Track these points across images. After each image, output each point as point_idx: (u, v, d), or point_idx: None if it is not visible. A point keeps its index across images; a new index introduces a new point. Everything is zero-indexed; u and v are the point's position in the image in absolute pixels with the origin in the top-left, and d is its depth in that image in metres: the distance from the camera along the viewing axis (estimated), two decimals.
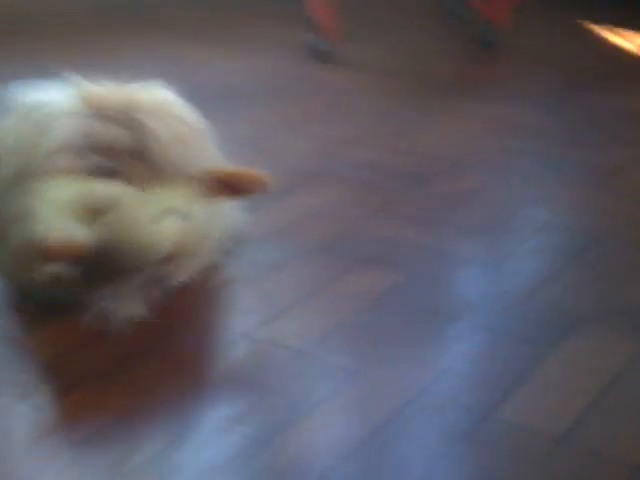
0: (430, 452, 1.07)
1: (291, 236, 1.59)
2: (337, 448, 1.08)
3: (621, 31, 2.92)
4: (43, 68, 2.47)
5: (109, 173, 1.34)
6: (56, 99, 1.39)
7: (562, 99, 2.29)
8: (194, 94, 1.49)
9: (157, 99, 1.40)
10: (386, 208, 1.69)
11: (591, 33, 2.94)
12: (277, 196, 1.74)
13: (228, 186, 1.37)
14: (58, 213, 1.27)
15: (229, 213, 1.57)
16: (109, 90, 1.41)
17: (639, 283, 1.43)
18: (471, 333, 1.31)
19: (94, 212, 1.29)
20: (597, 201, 1.72)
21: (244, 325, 1.34)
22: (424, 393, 1.18)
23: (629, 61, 2.63)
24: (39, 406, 1.18)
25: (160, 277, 1.40)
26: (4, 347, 1.31)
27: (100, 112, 1.37)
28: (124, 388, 1.21)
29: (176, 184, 1.35)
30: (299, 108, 2.20)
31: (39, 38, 2.84)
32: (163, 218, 1.30)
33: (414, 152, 1.94)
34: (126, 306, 1.35)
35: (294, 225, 1.63)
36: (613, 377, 1.19)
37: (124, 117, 1.37)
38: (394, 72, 2.46)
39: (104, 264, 1.34)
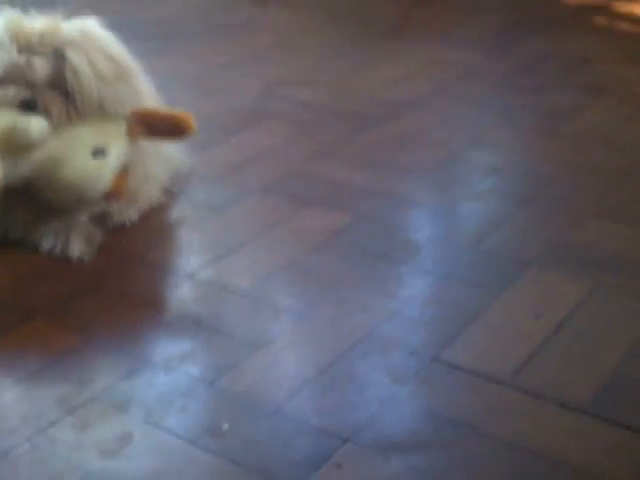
0: (376, 393, 1.08)
1: (237, 176, 1.58)
2: (282, 389, 1.09)
3: None
4: None
5: (30, 105, 1.33)
6: None
7: (503, 42, 2.30)
8: (129, 29, 1.46)
9: (84, 33, 1.38)
10: (331, 150, 1.68)
11: None
12: (222, 136, 1.72)
13: (152, 128, 1.36)
14: None
15: (173, 154, 1.56)
16: (36, 22, 1.39)
17: (584, 227, 1.45)
18: (418, 277, 1.32)
19: (20, 144, 1.28)
20: (540, 146, 1.74)
21: (191, 266, 1.33)
22: (371, 335, 1.19)
23: (571, 4, 2.64)
24: None
25: (103, 215, 1.40)
26: None
27: (25, 44, 1.35)
28: (71, 324, 1.20)
29: (100, 121, 1.34)
30: (242, 47, 2.18)
31: None
32: (101, 154, 1.30)
33: (358, 94, 1.93)
34: (72, 243, 1.35)
35: (240, 165, 1.62)
36: (559, 321, 1.22)
37: (48, 50, 1.35)
38: (336, 13, 2.44)
39: (39, 200, 1.34)
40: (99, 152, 1.30)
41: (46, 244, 1.35)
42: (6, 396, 1.08)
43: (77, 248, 1.34)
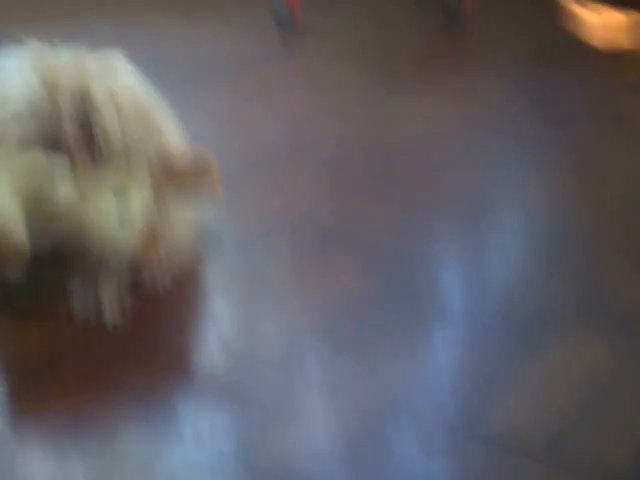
0: (410, 468, 1.06)
1: (264, 210, 1.58)
2: (316, 462, 1.07)
3: (590, 5, 2.92)
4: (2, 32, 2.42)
5: (56, 145, 1.32)
6: (10, 66, 1.37)
7: (530, 73, 2.29)
8: (157, 64, 1.46)
9: (107, 68, 1.38)
10: (358, 184, 1.67)
11: (560, 6, 2.92)
12: (254, 171, 1.71)
13: (174, 173, 1.35)
14: (7, 209, 1.25)
15: (200, 214, 1.55)
16: (62, 59, 1.39)
17: (620, 286, 1.43)
18: (450, 345, 1.30)
19: (47, 211, 1.27)
20: (570, 182, 1.71)
21: (221, 332, 1.32)
22: (404, 406, 1.17)
23: (598, 36, 2.63)
24: (17, 411, 1.16)
25: (133, 281, 1.39)
26: None
27: (49, 78, 1.35)
28: (101, 392, 1.19)
29: (125, 165, 1.33)
30: (271, 80, 2.17)
31: None
32: (127, 220, 1.29)
33: (386, 127, 1.92)
34: (103, 309, 1.34)
35: (266, 198, 1.62)
36: (593, 390, 1.20)
37: (72, 85, 1.35)
38: (361, 43, 2.44)
39: (68, 266, 1.33)
40: (123, 219, 1.28)
41: (77, 310, 1.35)
42: (30, 468, 1.07)
43: (108, 314, 1.34)
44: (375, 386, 1.21)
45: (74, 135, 1.33)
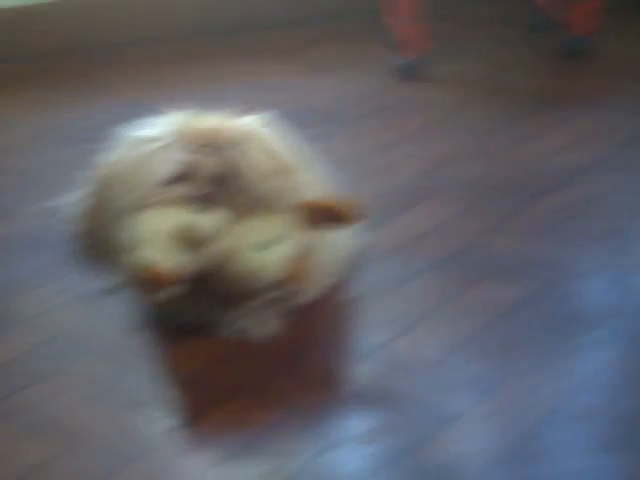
0: (577, 463, 1.07)
1: (412, 253, 1.60)
2: (480, 460, 1.08)
3: None
4: (138, 101, 2.53)
5: (207, 202, 1.38)
6: (157, 133, 1.45)
7: None
8: (286, 117, 1.51)
9: (247, 131, 1.44)
10: (502, 222, 1.69)
11: None
12: (387, 216, 1.75)
13: (324, 217, 1.39)
14: (163, 242, 1.33)
15: (343, 236, 1.60)
16: (205, 122, 1.46)
17: None
18: (604, 346, 1.31)
19: (196, 240, 1.34)
20: None
21: (378, 338, 1.35)
22: (567, 403, 1.17)
23: None
24: (181, 423, 1.21)
25: (281, 299, 1.44)
26: (145, 364, 1.35)
27: (193, 143, 1.42)
28: (262, 403, 1.23)
29: (274, 214, 1.38)
30: (400, 127, 2.21)
31: (123, 68, 2.90)
32: (267, 246, 1.35)
33: (519, 166, 1.93)
34: (251, 327, 1.39)
35: (413, 242, 1.64)
36: None
37: (220, 148, 1.41)
38: (484, 86, 2.45)
39: (214, 288, 1.38)
40: (264, 246, 1.34)
41: (225, 329, 1.40)
42: (209, 474, 1.11)
43: (256, 331, 1.38)
44: (533, 384, 1.22)
45: (218, 193, 1.39)
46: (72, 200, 1.79)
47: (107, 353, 1.38)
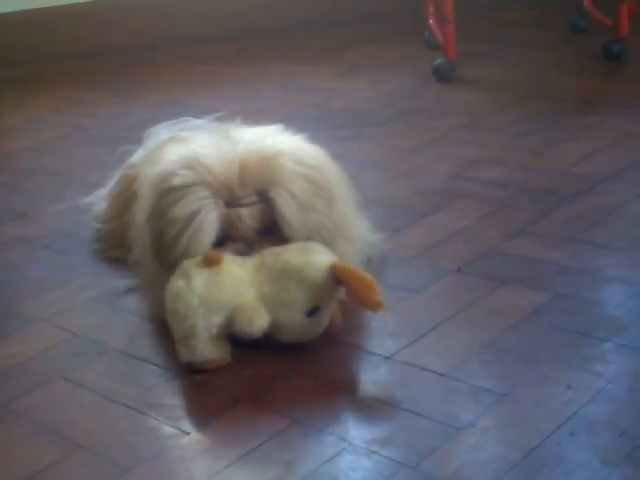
0: (586, 476, 1.05)
1: (431, 257, 1.59)
2: (487, 473, 1.07)
3: None
4: (171, 100, 2.54)
5: (246, 255, 1.35)
6: (191, 179, 1.36)
7: None
8: (320, 118, 1.50)
9: (285, 168, 1.37)
10: (526, 228, 1.67)
11: None
12: (414, 218, 1.74)
13: (354, 287, 1.31)
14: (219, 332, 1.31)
15: (367, 236, 1.58)
16: (241, 147, 1.39)
17: None
18: (624, 354, 1.28)
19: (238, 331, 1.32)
20: None
21: (388, 347, 1.34)
22: (577, 415, 1.15)
23: None
24: (188, 428, 1.21)
25: None
26: (155, 370, 1.35)
27: (228, 193, 1.36)
28: (268, 411, 1.22)
29: (309, 281, 1.32)
30: (430, 130, 2.20)
31: (156, 68, 2.92)
32: (306, 318, 1.33)
33: (550, 170, 1.91)
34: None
35: (433, 246, 1.63)
36: None
37: (252, 193, 1.36)
38: (523, 92, 2.43)
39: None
40: (314, 311, 1.33)
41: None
42: (218, 478, 1.11)
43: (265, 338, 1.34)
44: (545, 395, 1.20)
45: (264, 243, 1.36)
46: (99, 199, 1.81)
47: (123, 353, 1.39)
